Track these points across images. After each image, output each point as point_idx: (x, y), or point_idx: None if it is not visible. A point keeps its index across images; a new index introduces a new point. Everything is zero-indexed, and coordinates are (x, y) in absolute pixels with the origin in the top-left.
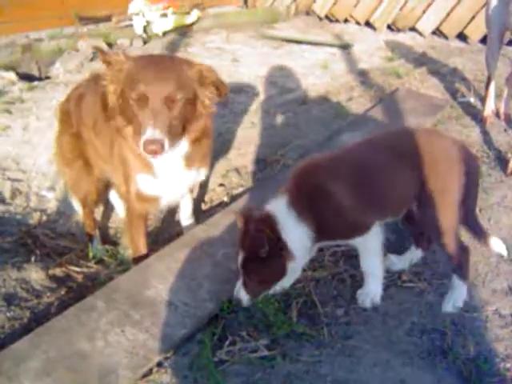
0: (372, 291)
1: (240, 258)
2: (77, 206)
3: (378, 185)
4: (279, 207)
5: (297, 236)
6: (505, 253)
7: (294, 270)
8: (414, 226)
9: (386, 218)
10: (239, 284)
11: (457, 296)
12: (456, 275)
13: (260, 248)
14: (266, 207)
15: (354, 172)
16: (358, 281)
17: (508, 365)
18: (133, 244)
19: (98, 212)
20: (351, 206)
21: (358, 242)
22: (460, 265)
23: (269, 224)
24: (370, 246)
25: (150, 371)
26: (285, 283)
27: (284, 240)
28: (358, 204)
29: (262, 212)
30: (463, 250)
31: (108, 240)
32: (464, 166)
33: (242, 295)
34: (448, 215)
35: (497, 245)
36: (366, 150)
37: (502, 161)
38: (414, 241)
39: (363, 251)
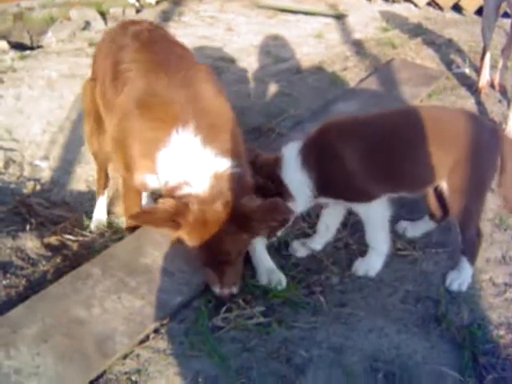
0: (369, 264)
1: None
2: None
3: (394, 159)
4: (290, 152)
5: (297, 182)
6: None
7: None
8: (433, 200)
9: (397, 192)
10: None
11: (463, 279)
12: (465, 258)
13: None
14: (282, 148)
15: (371, 140)
16: (353, 249)
17: (501, 332)
18: (128, 213)
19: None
20: (357, 172)
21: (360, 210)
22: (472, 249)
23: (272, 164)
24: (374, 219)
25: (147, 337)
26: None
27: (284, 181)
28: (366, 172)
29: (272, 154)
30: (479, 235)
31: None
32: (496, 150)
33: None
34: (474, 199)
35: None
36: (390, 121)
37: None
38: (428, 212)
39: (366, 222)
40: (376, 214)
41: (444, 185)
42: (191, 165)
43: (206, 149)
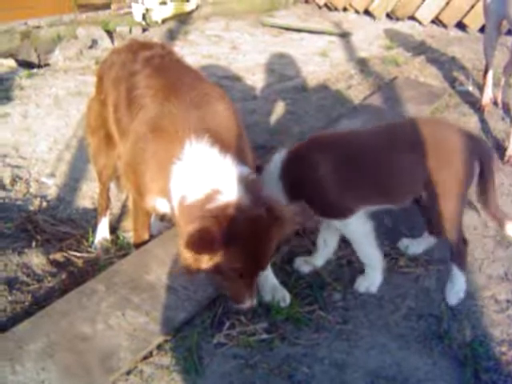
0: (369, 280)
1: None
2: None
3: (370, 172)
4: (274, 162)
5: (274, 191)
6: None
7: None
8: (425, 213)
9: (376, 205)
10: None
11: (458, 287)
12: (455, 265)
13: None
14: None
15: (346, 154)
16: (355, 267)
17: (503, 349)
18: (136, 232)
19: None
20: (331, 187)
21: (339, 226)
22: (460, 255)
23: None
24: (355, 234)
25: (150, 353)
26: None
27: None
28: (340, 187)
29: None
30: (463, 241)
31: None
32: (472, 157)
33: None
34: (452, 206)
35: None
36: (368, 137)
37: (499, 149)
38: (426, 227)
39: (350, 239)
40: (356, 230)
41: (424, 194)
42: (216, 173)
43: (226, 156)
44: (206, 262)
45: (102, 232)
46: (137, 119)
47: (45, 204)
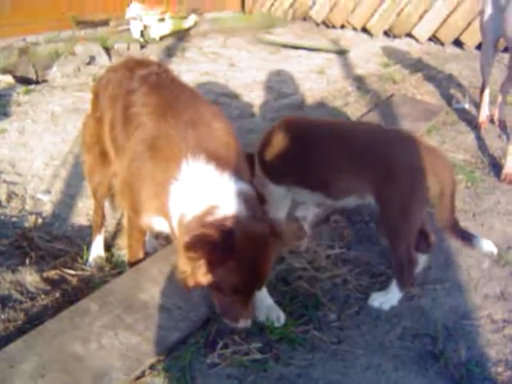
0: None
1: None
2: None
3: (314, 158)
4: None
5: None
6: (494, 251)
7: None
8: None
9: (313, 191)
10: None
11: (388, 299)
12: (395, 279)
13: None
14: None
15: (303, 138)
16: (350, 287)
17: (499, 369)
18: (131, 250)
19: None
20: (277, 159)
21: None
22: (401, 272)
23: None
24: (270, 198)
25: (143, 374)
26: None
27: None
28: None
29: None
30: (410, 261)
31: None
32: (427, 175)
33: None
34: (396, 221)
35: (485, 245)
36: (330, 127)
37: (495, 167)
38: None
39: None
40: (273, 196)
41: (371, 199)
42: (214, 190)
43: (223, 173)
44: (203, 274)
45: (97, 250)
46: (133, 137)
47: (40, 221)
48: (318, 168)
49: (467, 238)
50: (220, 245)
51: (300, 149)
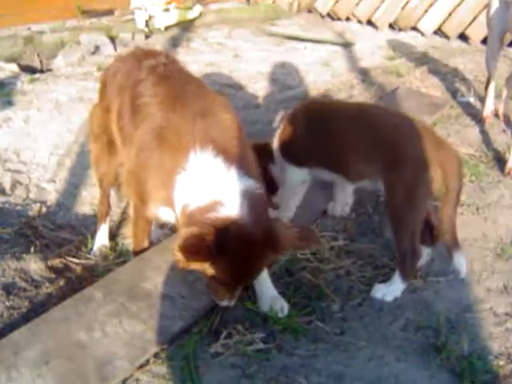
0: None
1: None
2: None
3: (335, 141)
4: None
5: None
6: (463, 274)
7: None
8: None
9: (332, 172)
10: None
11: (391, 290)
12: (398, 270)
13: None
14: None
15: (323, 121)
16: (354, 278)
17: (501, 362)
18: (136, 239)
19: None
20: (299, 141)
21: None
22: (403, 263)
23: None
24: (287, 182)
25: (147, 362)
26: None
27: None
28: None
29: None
30: (413, 251)
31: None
32: (433, 165)
33: None
34: (408, 207)
35: (459, 264)
36: (346, 111)
37: (500, 161)
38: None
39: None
40: (290, 180)
41: (380, 183)
42: (218, 184)
43: (230, 168)
44: (193, 265)
45: (102, 239)
46: (141, 127)
47: (44, 209)
48: (336, 150)
49: (452, 245)
50: (211, 247)
51: (321, 130)
